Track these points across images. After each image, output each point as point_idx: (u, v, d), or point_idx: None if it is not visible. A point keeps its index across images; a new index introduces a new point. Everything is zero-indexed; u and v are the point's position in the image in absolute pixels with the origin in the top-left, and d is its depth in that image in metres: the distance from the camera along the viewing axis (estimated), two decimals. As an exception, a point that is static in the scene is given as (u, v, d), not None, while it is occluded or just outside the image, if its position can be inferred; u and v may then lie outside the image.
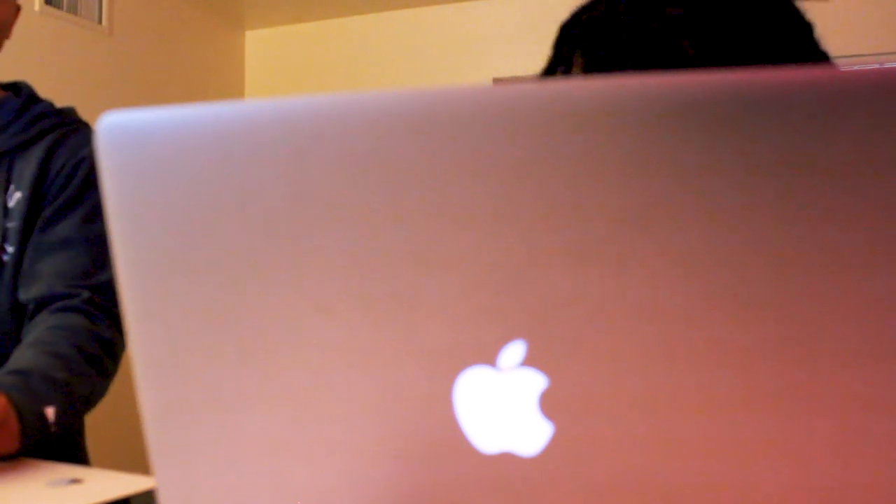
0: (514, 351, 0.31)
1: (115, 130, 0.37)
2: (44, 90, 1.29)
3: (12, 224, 1.15)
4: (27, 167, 1.18)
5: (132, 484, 0.78)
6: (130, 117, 0.36)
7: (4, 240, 1.15)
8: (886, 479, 0.28)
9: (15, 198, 1.16)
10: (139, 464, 1.13)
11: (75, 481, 0.78)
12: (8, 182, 1.18)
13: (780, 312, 0.28)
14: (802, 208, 0.27)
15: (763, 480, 0.29)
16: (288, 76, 3.77)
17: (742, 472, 0.29)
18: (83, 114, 1.28)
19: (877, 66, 0.26)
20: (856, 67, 0.26)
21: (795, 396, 0.28)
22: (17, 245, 1.15)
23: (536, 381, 0.31)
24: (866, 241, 0.27)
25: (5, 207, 1.17)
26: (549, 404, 0.31)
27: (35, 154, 1.19)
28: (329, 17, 3.65)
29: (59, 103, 1.27)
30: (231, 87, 3.78)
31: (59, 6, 2.87)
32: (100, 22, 3.04)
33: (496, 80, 3.34)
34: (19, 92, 1.27)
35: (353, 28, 3.63)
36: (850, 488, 0.29)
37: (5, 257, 1.15)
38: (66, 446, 1.14)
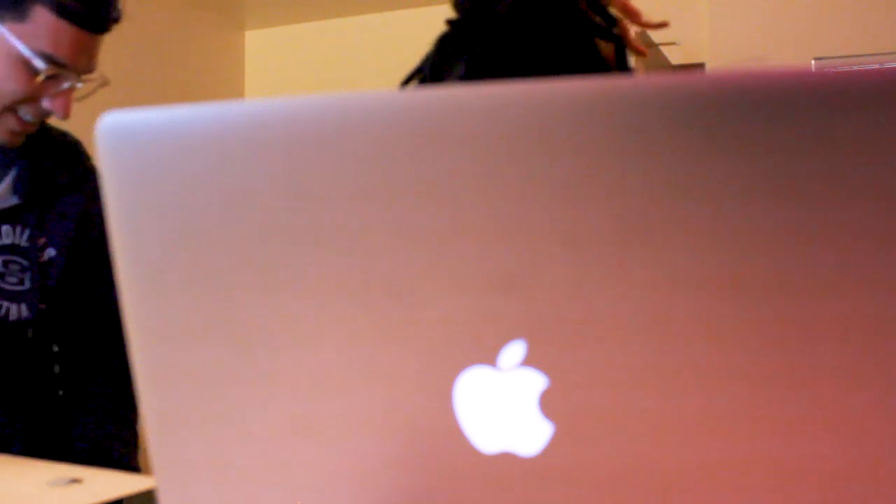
0: (514, 351, 0.31)
1: (115, 130, 0.37)
2: (44, 90, 1.27)
3: (51, 283, 1.11)
4: (61, 222, 1.13)
5: (132, 484, 0.78)
6: (130, 117, 0.36)
7: (43, 298, 1.11)
8: (887, 490, 0.28)
9: (48, 254, 1.11)
10: (139, 463, 1.13)
11: (75, 481, 0.78)
12: (39, 232, 1.11)
13: (780, 312, 0.28)
14: (802, 209, 0.27)
15: (763, 480, 0.29)
16: (288, 76, 3.77)
17: (742, 471, 0.29)
18: (83, 114, 1.27)
19: (877, 66, 0.26)
20: (856, 67, 0.26)
21: (796, 397, 0.28)
22: (51, 304, 1.11)
23: (536, 381, 0.31)
24: (867, 241, 0.27)
25: (38, 262, 1.10)
26: (549, 404, 0.31)
27: (70, 209, 1.14)
28: (329, 17, 3.65)
29: (59, 103, 1.24)
30: (231, 87, 3.77)
31: (59, 6, 2.86)
32: (100, 22, 3.04)
33: (496, 80, 3.32)
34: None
35: (352, 28, 3.63)
36: (850, 491, 0.29)
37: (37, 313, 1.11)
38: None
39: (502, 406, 0.32)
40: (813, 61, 2.78)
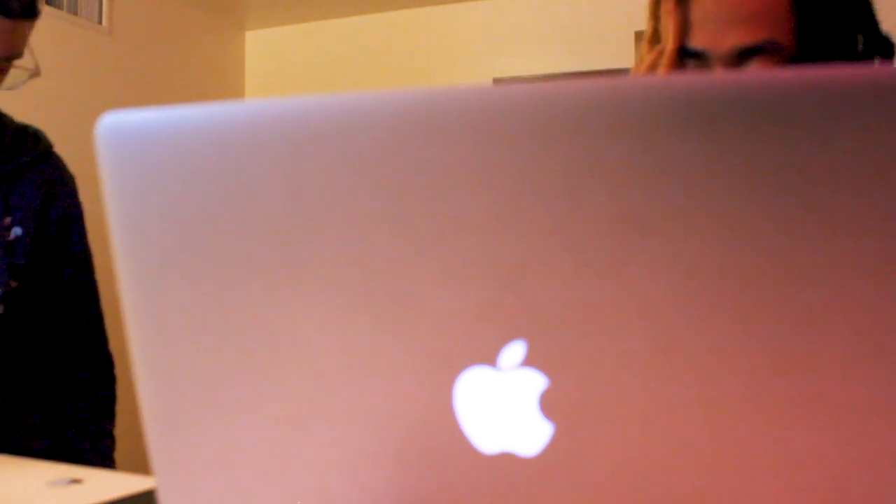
0: (514, 351, 0.31)
1: (115, 130, 0.37)
2: (44, 90, 1.27)
3: (17, 261, 1.15)
4: (24, 201, 1.17)
5: (132, 484, 0.78)
6: (130, 117, 0.36)
7: (12, 276, 1.15)
8: (886, 483, 0.28)
9: (15, 233, 1.15)
10: (139, 464, 1.13)
11: (75, 481, 0.78)
12: (4, 212, 1.16)
13: (779, 313, 0.28)
14: (802, 208, 0.27)
15: (762, 480, 0.29)
16: (288, 76, 3.77)
17: (741, 471, 0.29)
18: (83, 114, 1.27)
19: (877, 66, 0.26)
20: (856, 67, 0.26)
21: (795, 397, 0.28)
22: (22, 282, 1.15)
23: (536, 381, 0.31)
24: (866, 242, 0.27)
25: (5, 241, 1.15)
26: (549, 404, 0.31)
27: (31, 189, 1.18)
28: (329, 17, 3.65)
29: (59, 103, 1.25)
30: (231, 87, 3.77)
31: (59, 6, 2.87)
32: (100, 22, 3.04)
33: (496, 80, 3.33)
34: None
35: (353, 28, 3.63)
36: (849, 488, 0.29)
37: (7, 290, 1.15)
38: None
39: (502, 406, 0.32)
40: (813, 61, 2.78)
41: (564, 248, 0.30)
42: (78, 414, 1.20)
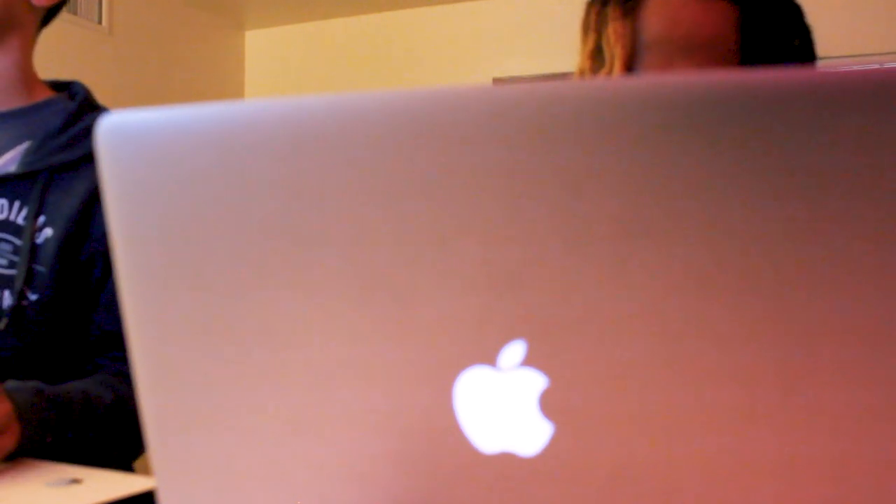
0: (514, 351, 0.31)
1: (115, 130, 0.37)
2: (43, 90, 1.26)
3: (40, 268, 0.97)
4: (65, 199, 0.98)
5: (132, 484, 0.78)
6: (130, 117, 0.36)
7: (28, 283, 0.97)
8: (887, 489, 0.28)
9: (44, 235, 0.97)
10: (139, 464, 1.13)
11: (75, 481, 0.78)
12: (39, 210, 0.98)
13: (779, 313, 0.28)
14: (802, 209, 0.27)
15: (762, 480, 0.29)
16: (288, 76, 3.77)
17: (740, 472, 0.29)
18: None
19: (877, 66, 0.26)
20: (856, 67, 0.26)
21: (796, 396, 0.28)
22: (43, 294, 0.97)
23: (536, 381, 0.31)
24: (867, 243, 0.27)
25: (32, 242, 0.97)
26: (549, 404, 0.31)
27: (78, 185, 0.99)
28: (329, 17, 3.65)
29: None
30: (231, 87, 3.77)
31: (59, 6, 2.87)
32: (100, 22, 3.04)
33: (496, 80, 3.33)
34: (74, 95, 1.07)
35: (353, 28, 3.63)
36: (849, 489, 0.29)
37: (23, 301, 0.97)
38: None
39: (502, 406, 0.32)
40: (813, 61, 2.77)
41: (564, 248, 0.30)
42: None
